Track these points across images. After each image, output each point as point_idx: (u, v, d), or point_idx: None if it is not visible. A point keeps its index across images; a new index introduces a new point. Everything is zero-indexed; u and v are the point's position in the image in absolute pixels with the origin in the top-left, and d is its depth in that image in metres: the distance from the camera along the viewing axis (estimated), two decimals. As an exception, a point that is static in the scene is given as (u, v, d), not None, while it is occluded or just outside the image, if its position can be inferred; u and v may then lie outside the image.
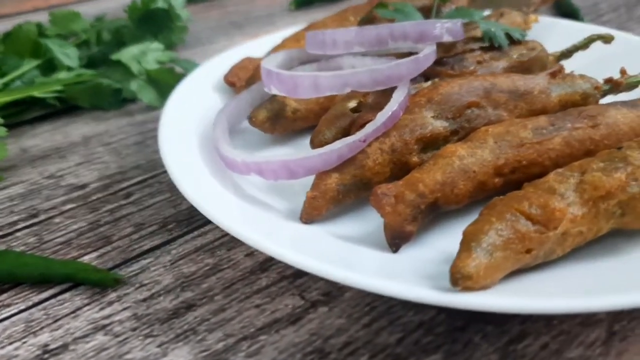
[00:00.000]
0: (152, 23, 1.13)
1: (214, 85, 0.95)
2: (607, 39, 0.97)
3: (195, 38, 1.37)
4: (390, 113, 0.71)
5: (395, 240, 0.65)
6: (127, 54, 1.01)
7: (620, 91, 0.87)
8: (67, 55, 1.06)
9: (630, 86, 0.87)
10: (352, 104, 0.80)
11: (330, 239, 0.66)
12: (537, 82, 0.81)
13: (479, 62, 0.88)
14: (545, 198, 0.59)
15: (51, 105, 1.04)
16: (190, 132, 0.82)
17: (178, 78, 0.97)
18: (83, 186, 0.85)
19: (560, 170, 0.64)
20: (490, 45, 0.90)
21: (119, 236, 0.74)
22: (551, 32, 1.13)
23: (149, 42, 1.06)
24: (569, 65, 0.91)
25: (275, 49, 0.99)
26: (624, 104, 0.77)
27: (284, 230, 0.66)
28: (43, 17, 1.20)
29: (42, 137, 0.98)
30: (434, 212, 0.68)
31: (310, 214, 0.69)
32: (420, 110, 0.75)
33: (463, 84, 0.77)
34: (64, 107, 1.05)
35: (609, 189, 0.60)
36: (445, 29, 0.82)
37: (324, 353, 0.57)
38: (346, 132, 0.75)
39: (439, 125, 0.74)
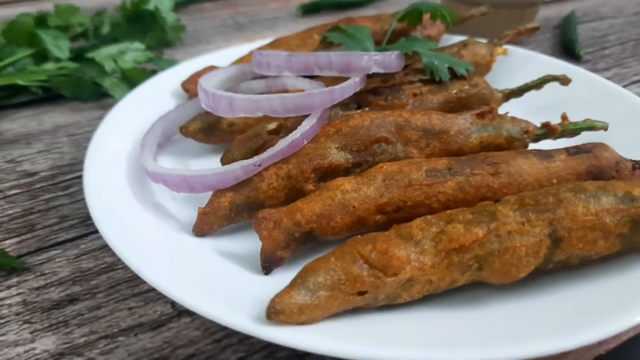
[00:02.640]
0: (141, 23, 1.20)
1: (173, 92, 1.01)
2: (563, 81, 0.95)
3: (195, 37, 1.44)
4: (290, 141, 0.74)
5: (266, 263, 0.69)
6: (101, 53, 1.08)
7: (557, 137, 0.86)
8: (59, 47, 1.15)
9: (567, 133, 0.86)
10: (273, 125, 0.83)
11: (208, 254, 0.70)
12: (457, 122, 0.81)
13: (415, 95, 0.89)
14: (389, 244, 0.61)
15: (41, 91, 1.13)
16: (128, 139, 0.87)
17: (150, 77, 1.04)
18: (33, 174, 0.93)
19: (429, 216, 0.66)
20: (432, 78, 0.91)
21: (43, 225, 0.82)
22: (525, 66, 1.12)
23: (129, 42, 1.12)
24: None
25: (238, 61, 1.04)
26: (537, 153, 0.77)
27: (166, 242, 0.70)
28: (50, 6, 1.30)
29: (19, 122, 1.07)
30: (311, 241, 0.71)
31: (201, 229, 0.74)
32: (326, 140, 0.77)
33: (376, 118, 0.79)
34: (49, 96, 1.14)
35: (463, 243, 0.62)
36: (373, 61, 0.84)
37: (167, 361, 0.62)
38: (256, 153, 0.79)
39: (341, 157, 0.76)
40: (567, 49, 1.34)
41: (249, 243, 0.73)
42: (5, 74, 1.12)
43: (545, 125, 0.85)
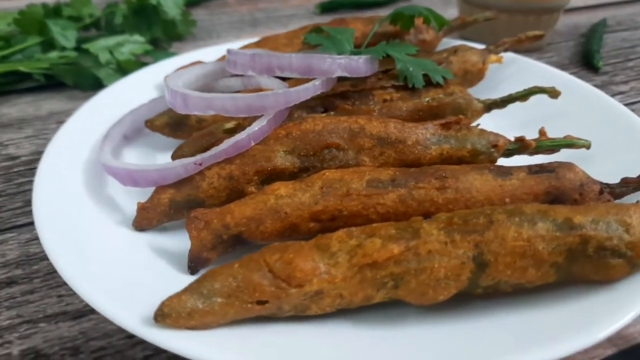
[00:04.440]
0: (145, 16, 1.23)
1: (157, 85, 1.02)
2: (552, 94, 0.90)
3: (207, 32, 1.45)
4: (234, 141, 0.73)
5: (192, 263, 0.69)
6: (97, 44, 1.11)
7: (532, 154, 0.81)
8: (66, 36, 1.19)
9: (543, 149, 0.81)
10: (230, 124, 0.83)
11: (139, 250, 0.70)
12: (416, 131, 0.78)
13: (385, 101, 0.86)
14: (297, 254, 0.59)
15: (43, 78, 1.18)
16: (98, 130, 0.89)
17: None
18: (15, 157, 0.97)
19: (353, 228, 0.63)
20: (405, 84, 0.87)
21: (7, 208, 0.85)
22: (524, 75, 1.06)
23: (129, 35, 1.15)
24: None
25: (222, 59, 1.04)
26: (495, 169, 0.73)
27: (98, 234, 0.71)
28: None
29: (18, 107, 1.12)
30: (240, 244, 0.70)
31: (140, 223, 0.74)
32: (275, 143, 0.76)
33: (329, 123, 0.77)
34: (52, 83, 1.19)
35: (376, 259, 0.59)
36: (337, 64, 0.81)
37: (77, 352, 0.63)
38: (206, 151, 0.79)
39: (287, 161, 0.75)
40: (587, 59, 1.26)
41: (187, 241, 0.72)
42: (12, 60, 1.17)
43: (519, 140, 0.81)
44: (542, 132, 0.83)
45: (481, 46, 1.09)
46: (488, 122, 0.91)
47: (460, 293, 0.61)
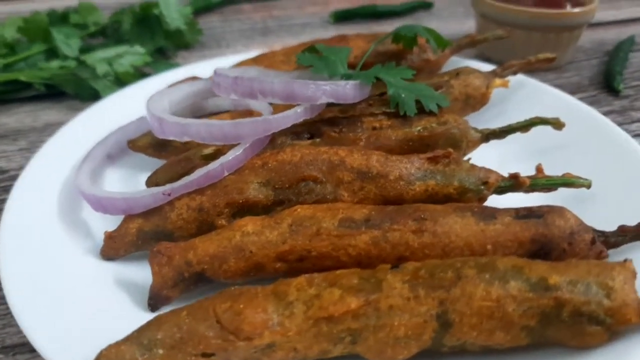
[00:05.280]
0: (148, 26, 1.21)
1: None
2: (556, 125, 0.84)
3: (217, 40, 1.43)
4: (206, 171, 0.71)
5: (152, 301, 0.66)
6: (95, 56, 1.10)
7: (528, 191, 0.76)
8: (69, 45, 1.19)
9: (538, 188, 0.76)
10: (209, 150, 0.80)
11: (102, 282, 0.68)
12: (400, 165, 0.73)
13: (374, 129, 0.82)
14: (249, 304, 0.56)
15: (44, 88, 1.18)
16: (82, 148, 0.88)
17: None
18: (4, 171, 0.96)
19: (316, 275, 0.60)
20: (397, 111, 0.83)
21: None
22: (532, 99, 1.00)
23: (128, 46, 1.13)
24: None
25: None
26: (479, 211, 0.68)
27: (63, 264, 0.69)
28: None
29: (16, 117, 1.12)
30: (203, 282, 0.67)
31: (107, 253, 0.72)
32: (250, 173, 0.73)
33: (308, 154, 0.74)
34: (53, 92, 1.18)
35: (332, 313, 0.55)
36: (322, 91, 0.78)
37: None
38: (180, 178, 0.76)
39: (260, 193, 0.72)
40: (607, 81, 1.18)
41: (154, 273, 0.70)
42: (15, 69, 1.17)
43: (513, 177, 0.75)
44: (538, 169, 0.77)
45: (490, 67, 1.04)
46: (490, 150, 0.87)
47: (425, 351, 0.57)
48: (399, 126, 0.82)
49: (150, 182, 0.79)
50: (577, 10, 1.17)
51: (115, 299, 0.67)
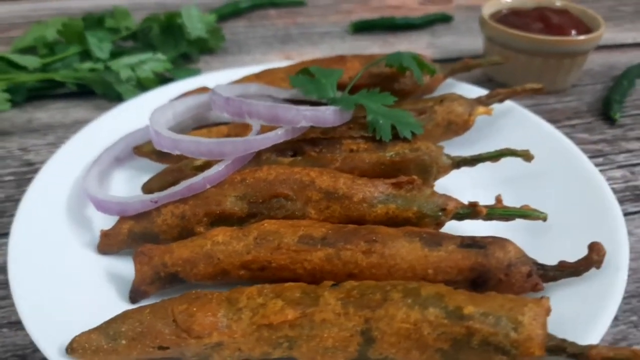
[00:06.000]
0: (172, 34, 1.32)
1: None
2: (525, 157, 0.89)
3: (239, 46, 1.52)
4: (189, 184, 0.80)
5: (133, 294, 0.76)
6: (120, 62, 1.21)
7: (486, 219, 0.82)
8: (101, 48, 1.30)
9: (495, 217, 0.82)
10: (199, 162, 0.89)
11: (93, 273, 0.79)
12: (364, 188, 0.81)
13: (351, 151, 0.89)
14: (201, 308, 0.65)
15: (75, 87, 1.30)
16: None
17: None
18: (32, 164, 1.09)
19: (267, 286, 0.69)
20: (374, 135, 0.90)
21: (11, 214, 0.96)
22: (517, 126, 1.05)
23: (151, 53, 1.24)
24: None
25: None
26: (427, 237, 0.74)
27: (66, 254, 0.80)
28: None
29: (49, 113, 1.24)
30: (178, 282, 0.76)
31: (103, 248, 0.83)
32: (229, 187, 0.82)
33: (282, 173, 0.82)
34: (85, 91, 1.30)
35: (272, 321, 0.64)
36: (302, 115, 0.85)
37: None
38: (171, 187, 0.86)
39: (236, 206, 0.80)
40: (605, 108, 1.21)
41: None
42: (53, 68, 1.30)
43: (472, 205, 0.82)
44: (498, 199, 0.83)
45: (484, 91, 1.10)
46: (465, 175, 0.93)
47: (355, 361, 0.65)
48: (374, 150, 0.89)
49: (145, 188, 0.89)
50: (579, 38, 1.20)
51: (104, 289, 0.77)
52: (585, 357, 0.59)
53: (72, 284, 0.76)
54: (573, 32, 1.23)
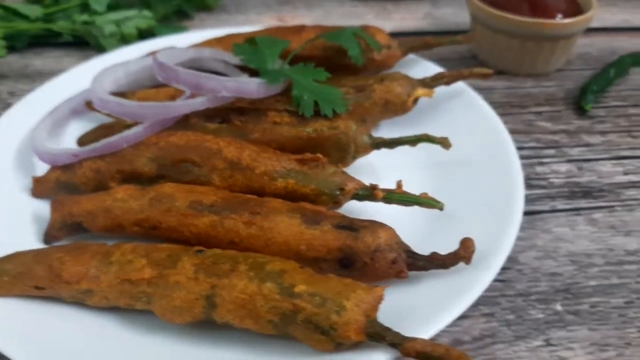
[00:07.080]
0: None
1: (131, 63, 1.17)
2: (443, 144, 0.89)
3: (236, 5, 1.55)
4: (106, 142, 0.87)
5: (46, 237, 0.85)
6: (105, 18, 1.28)
7: (385, 203, 0.84)
8: (98, 1, 1.38)
9: (392, 202, 0.83)
10: (130, 122, 0.95)
11: (21, 213, 0.88)
12: (268, 162, 0.84)
13: (275, 123, 0.92)
14: (72, 258, 0.72)
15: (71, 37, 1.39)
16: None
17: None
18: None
19: (142, 245, 0.75)
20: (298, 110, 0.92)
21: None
22: (465, 108, 1.03)
23: (137, 10, 1.30)
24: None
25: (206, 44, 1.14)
26: (308, 215, 0.77)
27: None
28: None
29: (45, 61, 1.34)
30: (83, 231, 0.84)
31: (37, 194, 0.92)
32: (145, 148, 0.87)
33: (193, 140, 0.86)
34: (81, 41, 1.39)
35: (131, 277, 0.70)
36: (223, 86, 0.89)
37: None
38: (101, 142, 0.93)
39: (146, 167, 0.86)
40: (580, 96, 1.15)
41: (65, 215, 0.89)
42: (55, 18, 1.39)
43: (372, 187, 0.84)
44: (398, 185, 0.84)
45: (439, 68, 1.09)
46: (404, 153, 0.94)
47: (205, 321, 0.70)
48: (295, 125, 0.91)
49: (80, 141, 0.96)
50: (558, 21, 1.14)
51: (28, 229, 0.86)
52: (403, 348, 0.62)
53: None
54: (559, 15, 1.17)
